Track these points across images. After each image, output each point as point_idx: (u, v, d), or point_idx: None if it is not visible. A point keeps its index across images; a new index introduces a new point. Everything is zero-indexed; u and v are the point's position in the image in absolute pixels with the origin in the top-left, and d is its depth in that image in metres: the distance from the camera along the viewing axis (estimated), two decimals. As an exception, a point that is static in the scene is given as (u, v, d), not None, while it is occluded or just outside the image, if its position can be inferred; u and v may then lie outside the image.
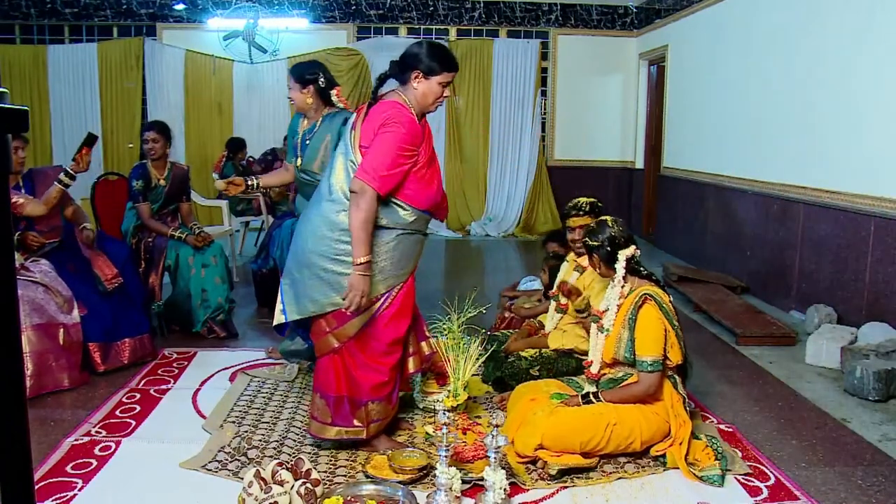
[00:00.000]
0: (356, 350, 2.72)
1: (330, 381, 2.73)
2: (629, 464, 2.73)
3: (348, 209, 2.57)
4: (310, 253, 2.67)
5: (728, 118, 6.38)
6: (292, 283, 2.75)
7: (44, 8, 8.67)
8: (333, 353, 2.73)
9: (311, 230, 2.69)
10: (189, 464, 2.69)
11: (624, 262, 2.81)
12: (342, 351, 2.72)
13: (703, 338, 4.58)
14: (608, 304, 2.85)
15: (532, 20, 9.07)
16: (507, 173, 9.22)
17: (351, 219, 2.54)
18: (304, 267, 2.69)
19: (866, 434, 3.11)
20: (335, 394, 2.72)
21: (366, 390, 2.72)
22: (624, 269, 2.81)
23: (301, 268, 2.70)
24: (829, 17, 4.84)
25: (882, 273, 4.27)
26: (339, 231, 2.62)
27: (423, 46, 2.67)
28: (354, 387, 2.73)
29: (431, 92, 2.66)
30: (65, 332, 3.45)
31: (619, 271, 2.82)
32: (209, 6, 8.60)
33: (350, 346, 2.71)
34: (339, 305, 2.64)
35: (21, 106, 0.73)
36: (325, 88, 3.48)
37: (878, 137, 4.31)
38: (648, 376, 2.68)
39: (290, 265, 2.78)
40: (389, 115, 2.57)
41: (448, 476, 2.33)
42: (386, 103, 2.64)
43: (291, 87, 3.47)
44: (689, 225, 7.25)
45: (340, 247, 2.62)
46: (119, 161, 8.72)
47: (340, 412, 2.73)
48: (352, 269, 2.57)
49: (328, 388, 2.74)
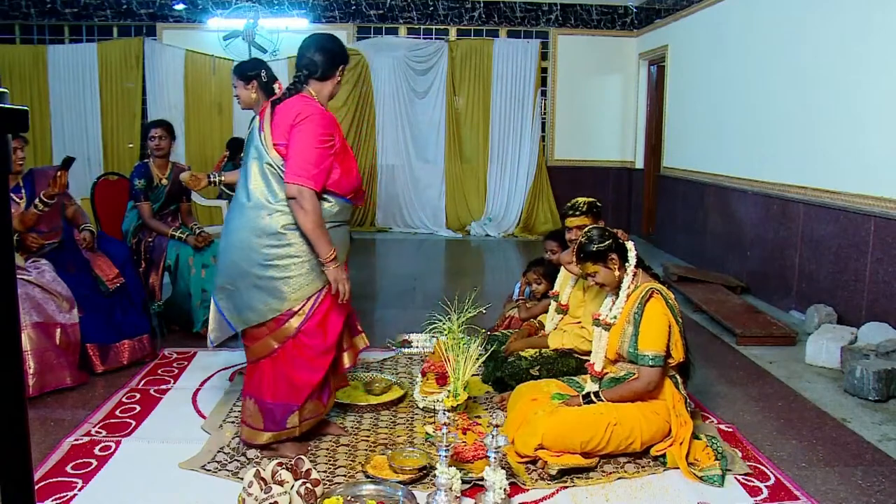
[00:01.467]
0: (294, 351, 2.69)
1: (265, 385, 2.71)
2: (629, 464, 2.73)
3: (274, 213, 2.60)
4: (241, 262, 2.64)
5: (728, 118, 6.38)
6: (228, 297, 2.70)
7: (44, 8, 8.67)
8: (269, 357, 2.70)
9: (237, 241, 2.66)
10: (188, 464, 2.69)
11: (634, 251, 2.82)
12: (279, 354, 2.69)
13: (703, 338, 4.58)
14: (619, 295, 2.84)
15: (532, 20, 9.07)
16: (507, 173, 9.21)
17: (303, 224, 2.55)
18: (238, 278, 2.66)
19: (866, 434, 3.11)
20: (271, 400, 2.70)
21: (304, 391, 2.71)
22: (636, 256, 2.82)
23: (234, 280, 2.67)
24: (829, 17, 4.84)
25: (882, 273, 4.27)
26: (266, 236, 2.60)
27: (319, 52, 2.69)
28: (292, 389, 2.70)
29: (333, 85, 2.76)
30: (62, 331, 3.45)
31: (631, 260, 2.81)
32: (209, 6, 8.60)
33: (288, 347, 2.68)
34: (279, 311, 2.64)
35: (21, 106, 0.73)
36: (268, 83, 3.51)
37: (878, 137, 4.31)
38: (649, 371, 2.68)
39: (220, 281, 2.74)
40: (299, 109, 2.59)
41: (448, 476, 2.33)
42: (291, 100, 2.65)
43: (236, 86, 3.49)
44: (689, 225, 7.25)
45: (271, 251, 2.60)
46: (119, 161, 8.72)
47: (273, 417, 2.71)
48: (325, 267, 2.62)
49: (263, 393, 2.71)
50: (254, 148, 2.66)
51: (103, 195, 4.84)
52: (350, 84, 8.96)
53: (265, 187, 2.61)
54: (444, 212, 9.27)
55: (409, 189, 9.27)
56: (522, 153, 9.18)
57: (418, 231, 9.20)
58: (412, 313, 4.88)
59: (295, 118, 2.57)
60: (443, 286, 6.08)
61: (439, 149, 9.20)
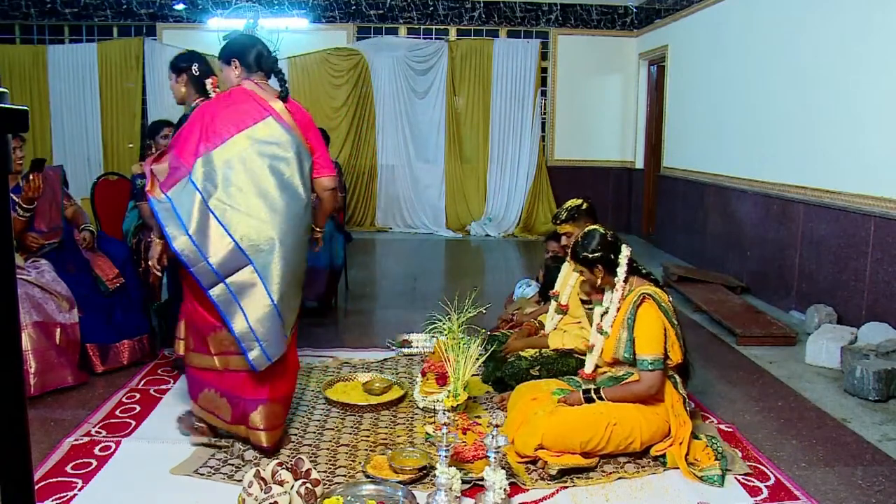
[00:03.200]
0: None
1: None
2: (629, 464, 2.73)
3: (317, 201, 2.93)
4: (297, 265, 2.69)
5: (728, 118, 6.38)
6: (283, 309, 2.64)
7: (44, 8, 8.67)
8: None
9: (296, 244, 2.66)
10: (180, 469, 2.65)
11: (626, 262, 2.81)
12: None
13: (703, 338, 4.58)
14: (608, 305, 2.85)
15: (532, 20, 9.07)
16: (507, 173, 9.21)
17: (330, 204, 2.95)
18: (294, 283, 2.67)
19: (866, 434, 3.11)
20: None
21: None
22: (626, 269, 2.81)
23: (293, 285, 2.67)
24: (829, 17, 4.84)
25: (882, 273, 4.27)
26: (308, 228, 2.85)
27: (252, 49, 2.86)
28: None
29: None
30: (62, 331, 3.45)
31: (620, 274, 2.81)
32: (209, 6, 8.60)
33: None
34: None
35: (21, 106, 0.73)
36: (200, 77, 3.50)
37: (878, 137, 4.31)
38: (650, 375, 2.68)
39: (285, 291, 2.63)
40: (301, 107, 2.90)
41: (448, 476, 2.33)
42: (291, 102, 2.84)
43: (170, 78, 3.49)
44: (689, 225, 7.25)
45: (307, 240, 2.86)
46: (119, 161, 8.71)
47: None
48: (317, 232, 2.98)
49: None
50: (296, 147, 2.68)
51: (103, 195, 4.84)
52: (350, 84, 8.97)
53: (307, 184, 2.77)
54: (444, 212, 9.27)
55: (409, 189, 9.27)
56: (522, 153, 9.18)
57: (418, 231, 9.20)
58: (412, 313, 4.88)
59: (305, 115, 2.86)
60: (443, 286, 6.08)
61: (439, 149, 9.20)
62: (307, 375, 3.68)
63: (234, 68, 2.82)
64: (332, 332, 4.68)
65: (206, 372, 2.75)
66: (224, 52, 2.87)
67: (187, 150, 2.60)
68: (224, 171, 2.56)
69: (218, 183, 2.56)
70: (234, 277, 2.55)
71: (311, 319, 4.87)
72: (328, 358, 4.01)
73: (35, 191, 3.48)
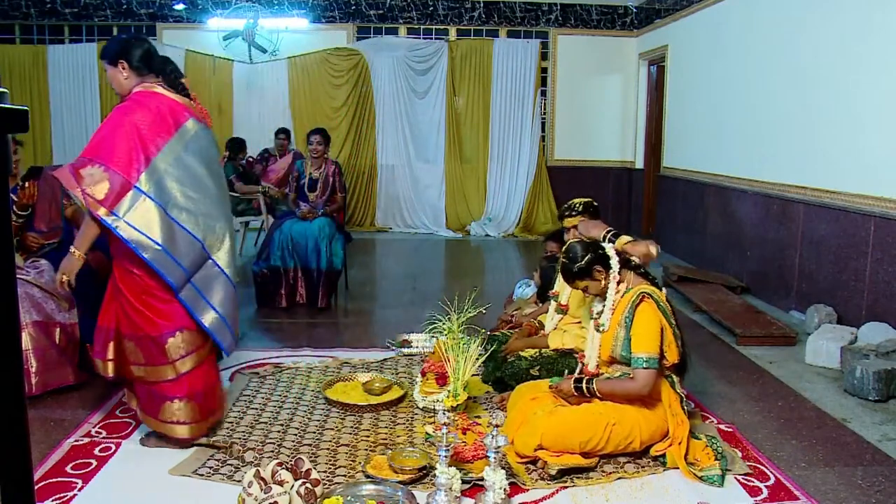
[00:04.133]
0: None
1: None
2: (629, 464, 2.73)
3: None
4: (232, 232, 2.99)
5: (728, 118, 6.38)
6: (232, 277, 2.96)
7: (44, 8, 8.67)
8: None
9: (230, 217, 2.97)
10: (178, 469, 2.65)
11: (612, 251, 2.81)
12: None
13: (703, 338, 4.58)
14: (606, 301, 2.84)
15: (532, 20, 9.07)
16: (507, 173, 9.21)
17: None
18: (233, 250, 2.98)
19: (866, 434, 3.11)
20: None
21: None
22: (618, 261, 2.80)
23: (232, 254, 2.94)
24: (829, 17, 4.84)
25: (882, 273, 4.27)
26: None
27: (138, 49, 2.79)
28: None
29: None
30: (61, 331, 3.45)
31: (614, 265, 2.80)
32: (209, 6, 8.60)
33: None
34: None
35: (21, 106, 0.73)
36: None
37: (878, 137, 4.31)
38: (644, 373, 2.67)
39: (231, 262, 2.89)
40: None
41: (448, 476, 2.33)
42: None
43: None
44: (689, 225, 7.26)
45: None
46: (119, 161, 8.70)
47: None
48: None
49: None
50: (209, 136, 2.88)
51: (103, 195, 4.83)
52: (350, 84, 8.97)
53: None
54: (443, 212, 9.27)
55: (409, 189, 9.27)
56: (522, 153, 9.18)
57: (418, 231, 9.20)
58: (412, 313, 4.88)
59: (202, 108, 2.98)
60: (443, 286, 6.08)
61: (439, 149, 9.20)
62: (307, 375, 3.68)
63: (122, 70, 2.75)
64: (332, 332, 4.68)
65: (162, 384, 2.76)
66: (109, 52, 2.77)
67: (123, 160, 2.58)
68: (169, 177, 2.66)
69: (169, 190, 2.65)
70: (198, 274, 2.72)
71: (311, 319, 4.88)
72: (328, 358, 4.01)
73: (29, 198, 3.59)
